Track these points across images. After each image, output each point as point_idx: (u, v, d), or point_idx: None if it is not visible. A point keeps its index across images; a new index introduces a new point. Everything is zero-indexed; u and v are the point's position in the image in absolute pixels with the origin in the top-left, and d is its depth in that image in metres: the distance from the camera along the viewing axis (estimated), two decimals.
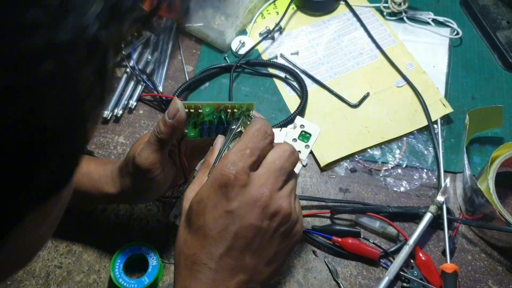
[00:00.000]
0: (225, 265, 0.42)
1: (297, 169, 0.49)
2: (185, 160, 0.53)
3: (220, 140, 0.49)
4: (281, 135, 0.53)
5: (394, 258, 0.61)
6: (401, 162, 0.69)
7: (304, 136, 0.53)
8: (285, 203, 0.43)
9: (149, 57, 0.79)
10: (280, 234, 0.43)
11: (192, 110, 0.49)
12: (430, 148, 0.70)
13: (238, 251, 0.42)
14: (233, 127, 0.49)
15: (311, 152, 0.70)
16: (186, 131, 0.51)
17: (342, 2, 0.84)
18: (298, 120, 0.54)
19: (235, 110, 0.50)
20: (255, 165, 0.43)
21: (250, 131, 0.45)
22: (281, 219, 0.43)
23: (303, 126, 0.54)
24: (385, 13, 0.82)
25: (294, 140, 0.54)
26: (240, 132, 0.48)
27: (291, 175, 0.45)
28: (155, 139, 0.49)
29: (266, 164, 0.44)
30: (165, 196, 0.66)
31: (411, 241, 0.60)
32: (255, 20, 0.83)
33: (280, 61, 0.78)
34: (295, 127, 0.54)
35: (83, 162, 0.59)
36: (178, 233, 0.45)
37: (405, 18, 0.82)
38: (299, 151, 0.52)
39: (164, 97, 0.74)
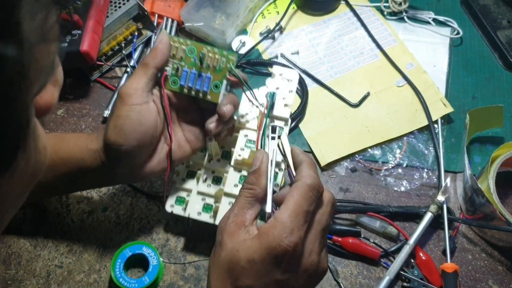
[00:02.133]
0: None
1: (286, 113, 0.52)
2: (169, 113, 0.54)
3: (264, 161, 0.47)
4: (260, 94, 0.55)
5: (394, 258, 0.61)
6: (401, 161, 0.69)
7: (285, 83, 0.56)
8: (326, 264, 0.45)
9: None
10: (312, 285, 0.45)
11: (177, 45, 0.53)
12: (430, 148, 0.70)
13: None
14: (272, 149, 0.49)
15: (311, 152, 0.70)
16: (168, 69, 0.53)
17: (342, 2, 0.84)
18: (276, 69, 0.55)
19: (217, 57, 0.52)
20: (307, 226, 0.42)
21: (304, 190, 0.42)
22: (318, 278, 0.45)
23: (282, 74, 0.56)
24: (385, 13, 0.82)
25: (277, 88, 0.56)
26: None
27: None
28: (140, 65, 0.52)
29: (315, 226, 0.43)
30: (158, 193, 0.66)
31: (412, 240, 0.60)
32: (256, 20, 0.83)
33: (281, 60, 0.78)
34: (273, 77, 0.55)
35: (71, 133, 0.57)
36: (214, 269, 0.44)
37: (405, 18, 0.82)
38: (284, 97, 0.55)
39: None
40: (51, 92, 0.29)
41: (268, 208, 0.45)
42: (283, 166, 0.55)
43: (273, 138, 0.50)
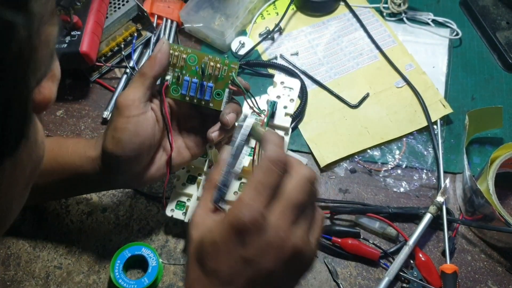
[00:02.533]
0: None
1: (286, 123, 0.51)
2: (170, 122, 0.54)
3: (225, 153, 0.46)
4: (260, 103, 0.54)
5: (393, 259, 0.61)
6: (400, 162, 0.69)
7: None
8: (301, 242, 0.41)
9: None
10: (293, 273, 0.42)
11: (176, 53, 0.52)
12: (429, 149, 0.70)
13: None
14: (236, 136, 0.46)
15: (310, 153, 0.70)
16: (168, 77, 0.53)
17: (341, 3, 0.84)
18: (277, 77, 0.55)
19: (218, 65, 0.52)
20: (273, 203, 0.41)
21: (265, 164, 0.41)
22: (297, 260, 0.41)
23: (283, 83, 0.55)
24: (385, 14, 0.82)
25: (278, 96, 0.55)
26: (243, 139, 0.46)
27: (310, 205, 0.42)
28: (137, 74, 0.51)
29: (282, 201, 0.40)
30: (158, 195, 0.66)
31: (411, 241, 0.60)
32: (255, 21, 0.83)
33: (280, 61, 0.78)
34: (275, 85, 0.54)
35: (69, 138, 0.57)
36: (188, 265, 0.43)
37: (404, 19, 0.82)
38: (286, 106, 0.54)
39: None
40: (49, 87, 0.29)
41: (216, 198, 0.44)
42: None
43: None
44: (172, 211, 0.60)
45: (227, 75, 0.52)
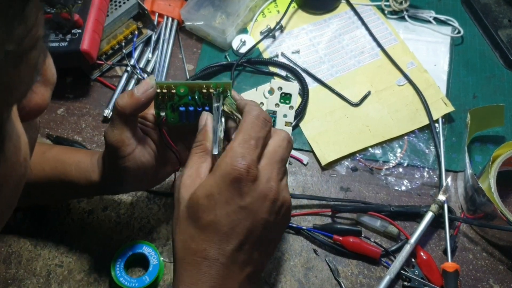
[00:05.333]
0: (237, 260, 0.42)
1: (288, 131, 0.51)
2: (175, 147, 0.52)
3: (209, 120, 0.48)
4: (258, 95, 0.53)
5: (395, 257, 0.61)
6: (402, 161, 0.69)
7: (285, 98, 0.53)
8: (288, 195, 0.44)
9: (150, 56, 0.79)
10: (282, 225, 0.45)
11: (165, 91, 0.49)
12: (431, 147, 0.70)
13: (249, 245, 0.42)
14: (216, 105, 0.48)
15: (312, 151, 0.70)
16: (163, 114, 0.51)
17: (343, 1, 0.84)
18: (274, 83, 0.53)
19: (211, 90, 0.49)
20: (261, 156, 0.43)
21: (250, 119, 0.44)
22: (285, 210, 0.44)
23: (281, 88, 0.54)
24: (386, 12, 0.82)
25: (277, 105, 0.54)
26: (224, 111, 0.48)
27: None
28: (115, 113, 0.48)
29: (268, 155, 0.44)
30: (159, 190, 0.66)
31: (412, 240, 0.60)
32: (256, 19, 0.82)
33: (281, 59, 0.78)
34: (273, 92, 0.53)
35: (72, 153, 0.58)
36: (177, 226, 0.43)
37: (406, 17, 0.82)
38: (285, 115, 0.53)
39: None
40: (42, 93, 0.27)
41: (215, 150, 0.45)
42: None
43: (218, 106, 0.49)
44: None
45: (222, 93, 0.49)
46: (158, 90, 0.49)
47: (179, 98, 0.50)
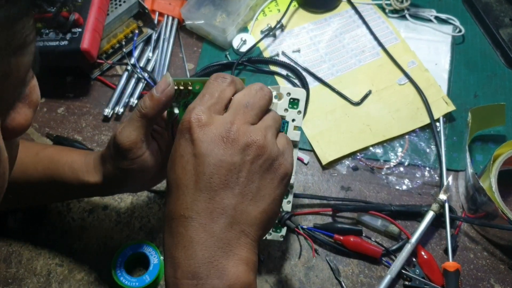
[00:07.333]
0: (201, 210, 0.39)
1: (296, 136, 0.50)
2: None
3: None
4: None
5: (396, 257, 0.60)
6: (403, 160, 0.69)
7: (294, 103, 0.52)
8: (258, 136, 0.41)
9: (150, 55, 0.79)
10: (258, 168, 0.41)
11: (181, 88, 0.49)
12: (432, 146, 0.70)
13: (211, 191, 0.39)
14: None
15: (312, 151, 0.70)
16: (177, 111, 0.50)
17: (344, 0, 0.84)
18: (283, 89, 0.53)
19: None
20: (219, 108, 0.43)
21: (207, 83, 0.45)
22: (254, 151, 0.41)
23: (290, 94, 0.53)
24: (387, 10, 0.82)
25: (286, 110, 0.53)
26: None
27: (266, 112, 0.44)
28: (139, 115, 0.47)
29: (232, 104, 0.43)
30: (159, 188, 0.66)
31: (413, 239, 0.60)
32: (257, 18, 0.82)
33: (282, 58, 0.78)
34: (281, 98, 0.53)
35: (66, 153, 0.57)
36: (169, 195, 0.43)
37: (407, 16, 0.81)
38: (294, 120, 0.52)
39: None
40: (25, 113, 0.28)
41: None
42: None
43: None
44: None
45: None
46: (176, 87, 0.48)
47: (193, 95, 0.49)
